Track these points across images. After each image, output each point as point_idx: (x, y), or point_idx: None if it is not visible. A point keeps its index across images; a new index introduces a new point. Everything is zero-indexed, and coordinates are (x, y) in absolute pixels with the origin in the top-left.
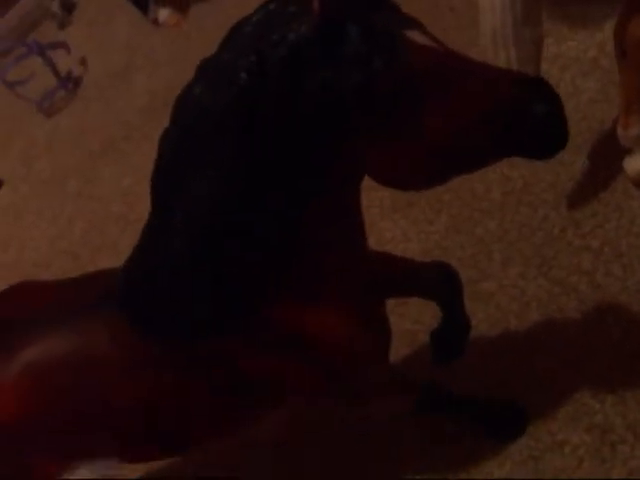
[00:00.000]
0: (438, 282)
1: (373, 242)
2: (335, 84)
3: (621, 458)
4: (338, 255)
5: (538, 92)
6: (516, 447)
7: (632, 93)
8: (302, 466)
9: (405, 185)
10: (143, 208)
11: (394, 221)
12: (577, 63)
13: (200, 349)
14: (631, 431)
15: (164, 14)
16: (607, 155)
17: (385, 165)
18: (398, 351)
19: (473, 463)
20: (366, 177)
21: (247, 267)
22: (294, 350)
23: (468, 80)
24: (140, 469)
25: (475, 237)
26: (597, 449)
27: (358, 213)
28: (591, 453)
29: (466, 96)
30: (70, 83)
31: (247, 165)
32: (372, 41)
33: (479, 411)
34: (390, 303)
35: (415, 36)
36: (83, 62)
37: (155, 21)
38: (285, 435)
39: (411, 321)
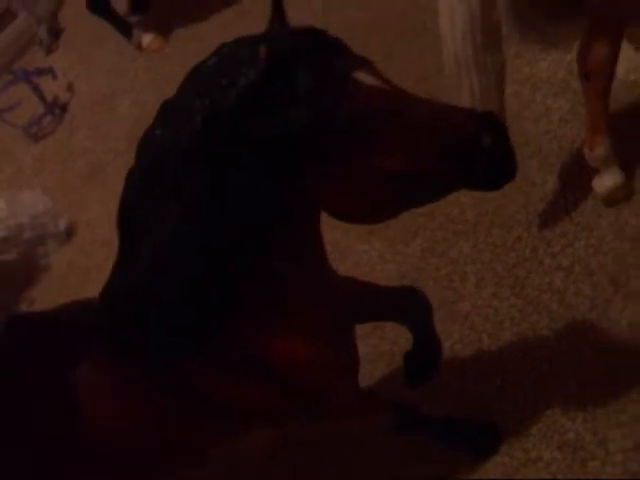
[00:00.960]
0: (406, 306)
1: (350, 264)
2: (285, 126)
3: (592, 473)
4: (303, 282)
5: (485, 125)
6: (491, 464)
7: (596, 115)
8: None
9: (359, 220)
10: None
11: (370, 243)
12: (548, 84)
13: (170, 376)
14: (602, 448)
15: (147, 39)
16: (578, 174)
17: (338, 202)
18: (376, 372)
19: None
20: None
21: (213, 297)
22: (262, 374)
23: (418, 118)
24: None
25: (450, 258)
26: (569, 465)
27: (320, 243)
28: (563, 469)
29: (416, 134)
30: (57, 108)
31: (207, 202)
32: (320, 83)
33: (454, 430)
34: (368, 326)
35: (364, 77)
36: (70, 87)
37: (139, 45)
38: (268, 450)
39: (389, 343)
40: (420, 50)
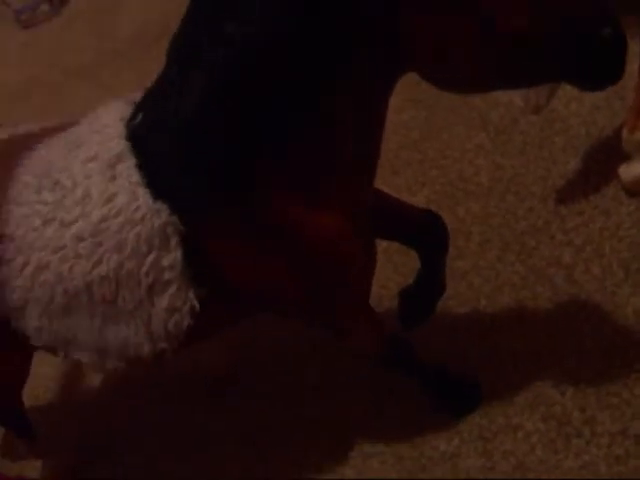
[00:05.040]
0: (426, 229)
1: None
2: None
3: (575, 451)
4: (351, 155)
5: (609, 16)
6: (467, 424)
7: None
8: (240, 411)
9: (448, 85)
10: None
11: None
12: None
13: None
14: (588, 426)
15: None
16: (603, 161)
17: (432, 53)
18: None
19: (419, 434)
20: None
21: (258, 138)
22: (282, 248)
23: None
24: None
25: (456, 216)
26: (551, 439)
27: (381, 121)
28: (544, 442)
29: None
30: None
31: (274, 33)
32: None
33: (435, 379)
34: None
35: None
36: None
37: None
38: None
39: (378, 285)
40: None
